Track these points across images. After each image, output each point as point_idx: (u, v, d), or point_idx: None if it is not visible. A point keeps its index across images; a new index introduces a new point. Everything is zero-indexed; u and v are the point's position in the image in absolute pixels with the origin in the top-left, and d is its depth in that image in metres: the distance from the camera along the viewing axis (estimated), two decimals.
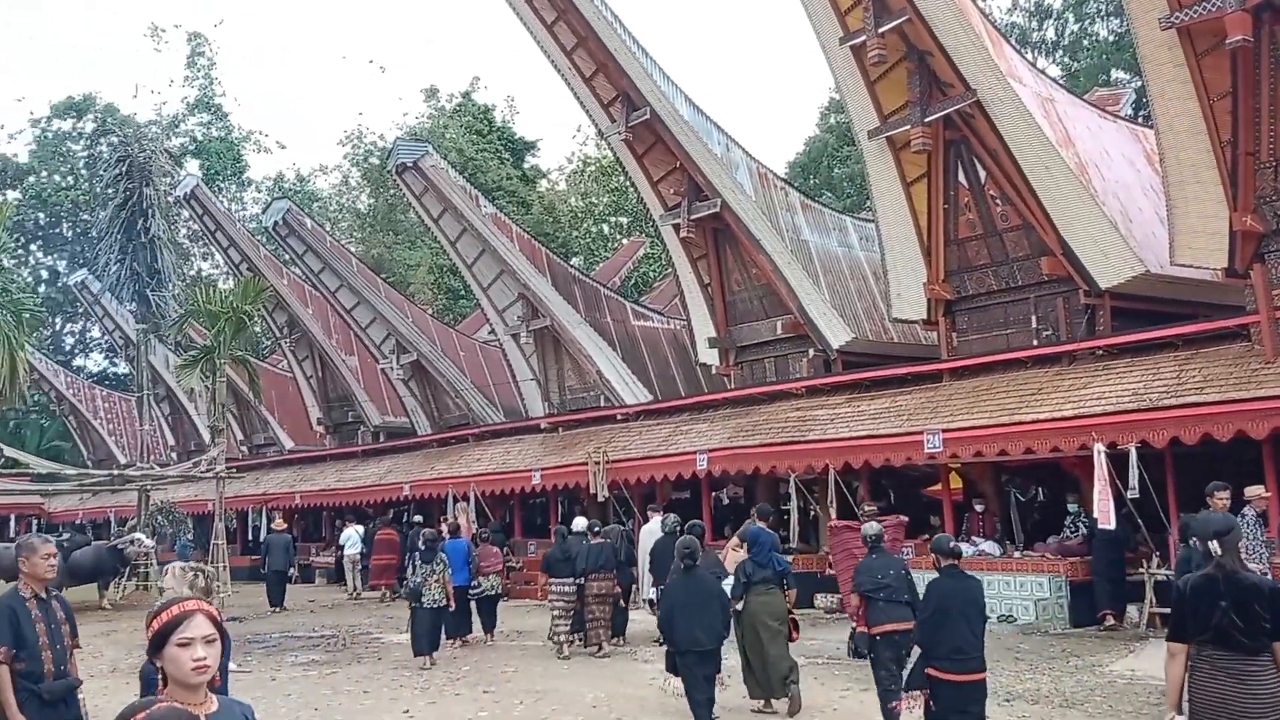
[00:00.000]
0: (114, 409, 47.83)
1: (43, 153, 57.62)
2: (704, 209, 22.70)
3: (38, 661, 6.19)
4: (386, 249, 49.71)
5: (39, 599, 6.39)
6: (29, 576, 6.42)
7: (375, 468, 30.75)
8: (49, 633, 6.29)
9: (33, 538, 6.62)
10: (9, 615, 6.23)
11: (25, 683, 6.15)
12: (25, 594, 6.37)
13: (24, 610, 6.28)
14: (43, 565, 6.40)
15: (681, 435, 21.86)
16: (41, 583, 6.43)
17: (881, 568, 9.81)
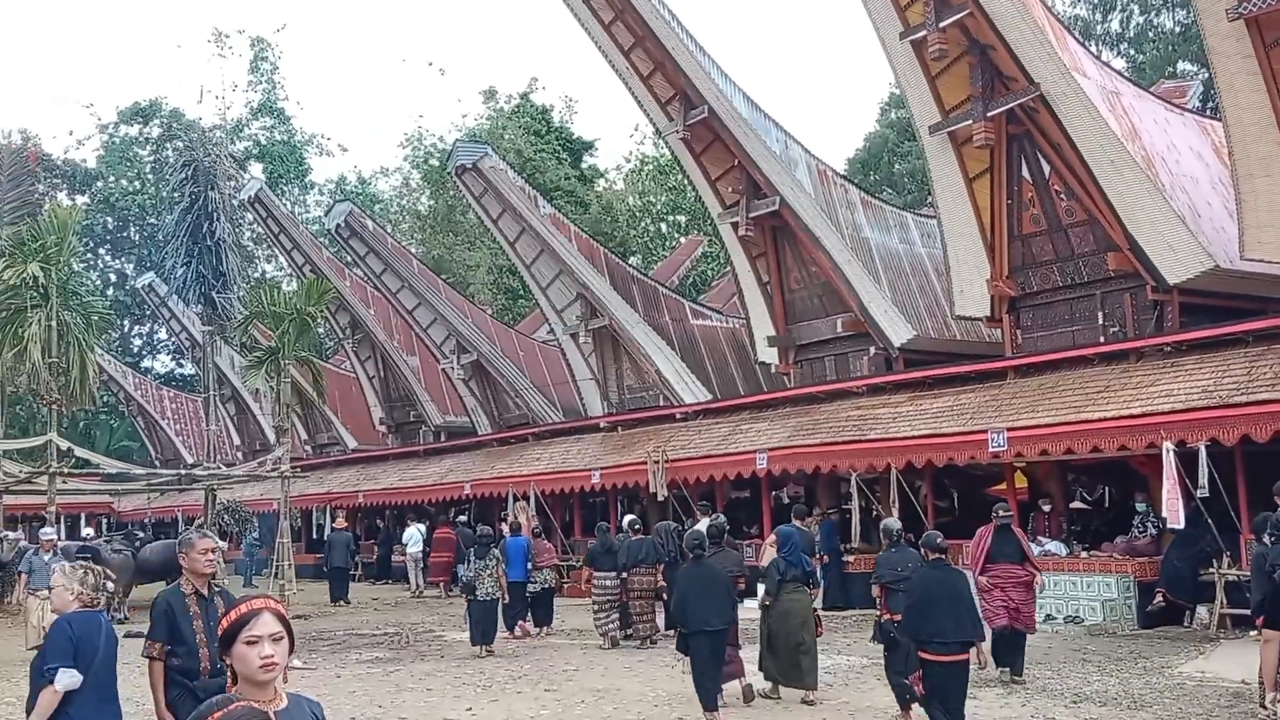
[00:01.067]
0: (181, 409, 48.68)
1: (110, 158, 58.75)
2: (763, 207, 22.62)
3: (194, 658, 6.05)
4: (446, 250, 50.08)
5: (199, 595, 6.27)
6: (189, 572, 6.33)
7: (436, 467, 31.00)
8: (207, 630, 6.08)
9: (191, 533, 6.55)
10: (164, 610, 6.15)
11: (182, 679, 6.00)
12: (186, 590, 6.28)
13: (182, 606, 6.18)
14: (201, 561, 6.29)
15: (741, 434, 21.79)
16: (202, 579, 6.31)
17: (900, 561, 10.56)
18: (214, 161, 28.73)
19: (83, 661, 5.74)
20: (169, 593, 6.28)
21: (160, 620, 6.12)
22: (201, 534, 6.51)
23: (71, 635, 5.79)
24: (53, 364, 23.03)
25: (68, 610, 5.95)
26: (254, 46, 61.49)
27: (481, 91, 60.84)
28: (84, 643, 5.79)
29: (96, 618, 5.97)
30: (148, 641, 6.14)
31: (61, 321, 23.25)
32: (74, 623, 5.87)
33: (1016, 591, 11.80)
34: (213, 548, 6.38)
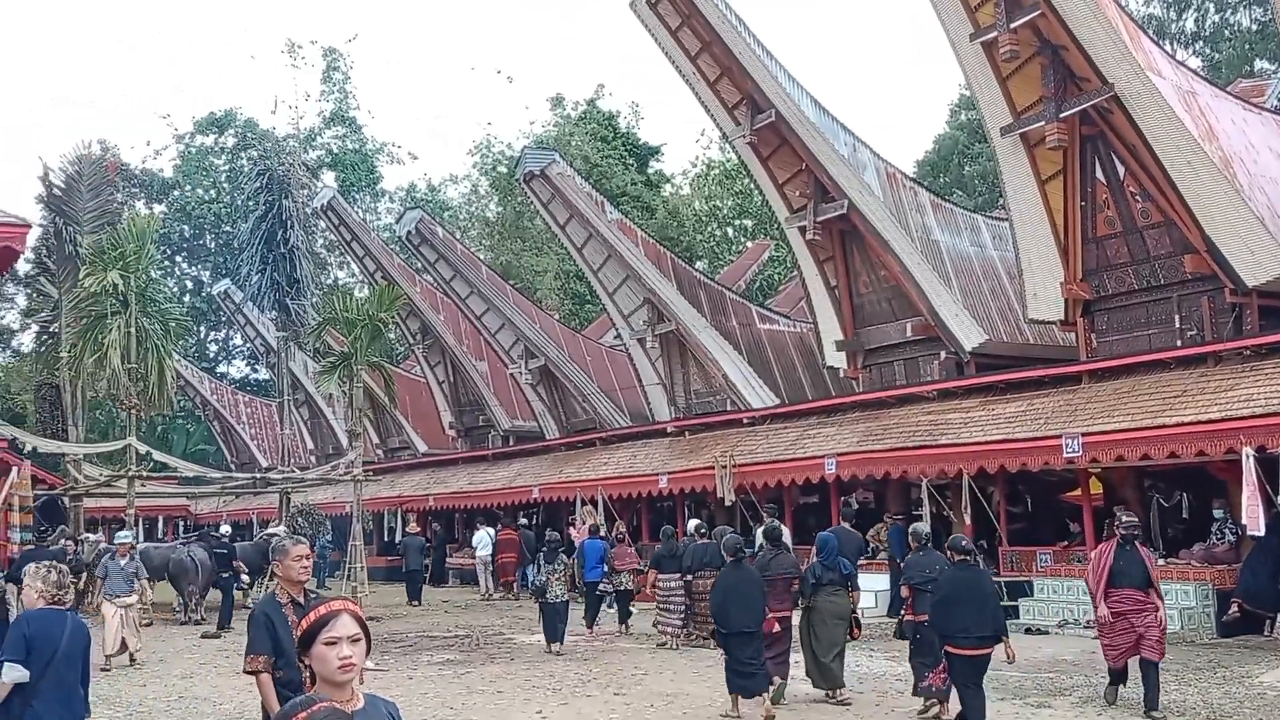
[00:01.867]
0: (256, 414, 49.57)
1: (187, 168, 60.03)
2: (831, 210, 22.52)
3: (295, 670, 5.67)
4: (514, 256, 50.47)
5: (295, 604, 5.96)
6: (284, 580, 6.08)
7: (505, 471, 31.24)
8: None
9: (285, 540, 6.19)
10: (264, 622, 5.85)
11: (284, 692, 5.70)
12: (282, 599, 6.00)
13: (280, 616, 5.88)
14: (295, 568, 6.02)
15: (809, 439, 21.70)
16: (298, 586, 6.05)
17: (928, 563, 10.71)
18: (288, 170, 29.27)
19: (39, 656, 6.18)
20: (265, 604, 6.03)
21: (261, 632, 5.84)
22: (295, 540, 6.22)
23: (26, 632, 6.26)
24: (132, 369, 23.58)
25: (34, 608, 6.41)
26: (326, 57, 62.54)
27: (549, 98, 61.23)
28: (40, 639, 6.23)
29: (60, 615, 6.43)
30: (249, 656, 5.86)
31: (140, 328, 23.79)
32: (32, 620, 6.36)
33: (1140, 617, 10.34)
34: (307, 554, 6.15)
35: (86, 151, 33.68)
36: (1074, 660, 13.75)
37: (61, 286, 29.83)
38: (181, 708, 11.80)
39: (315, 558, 29.84)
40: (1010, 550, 18.79)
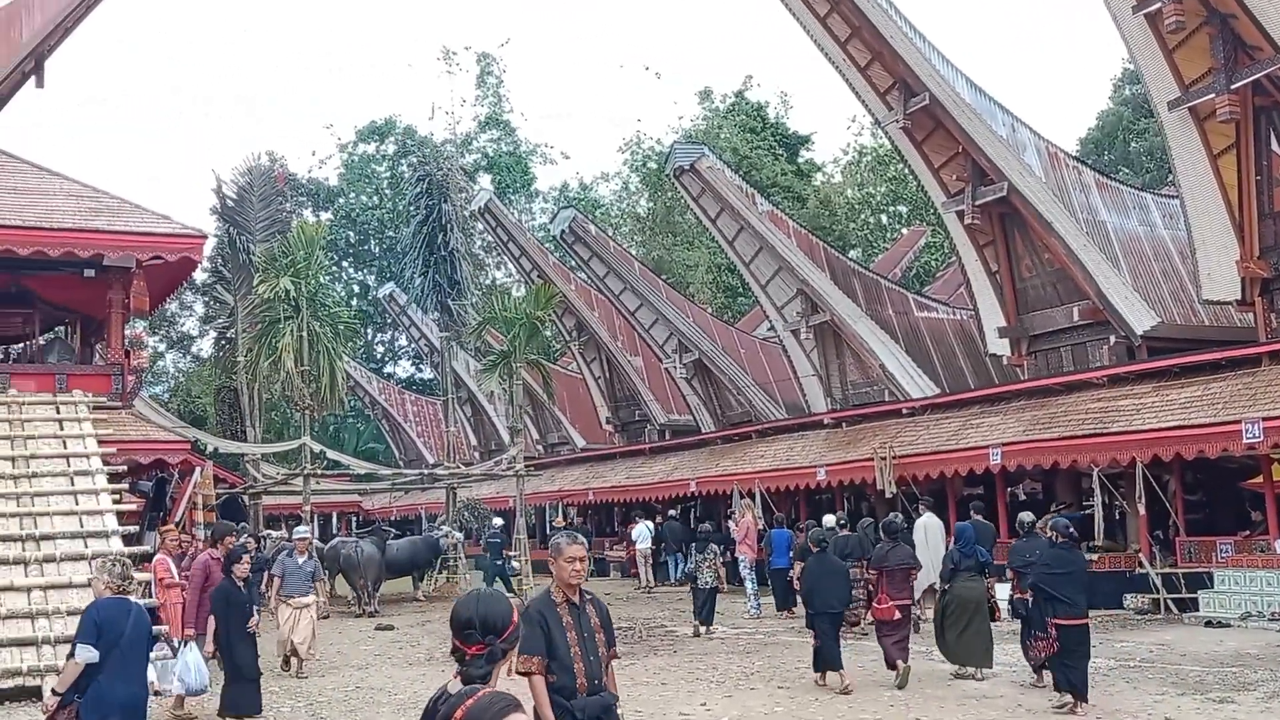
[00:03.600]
0: (421, 412, 51.06)
1: (350, 175, 62.15)
2: (990, 193, 21.96)
3: (569, 674, 5.55)
4: (666, 251, 50.71)
5: (570, 604, 5.75)
6: (557, 581, 5.82)
7: (662, 465, 31.44)
8: (581, 642, 5.66)
9: (560, 537, 5.93)
10: (539, 622, 5.62)
11: (558, 698, 5.53)
12: (556, 598, 5.76)
13: (555, 616, 5.67)
14: (567, 569, 5.72)
15: (972, 429, 21.19)
16: (572, 587, 5.78)
17: (1029, 549, 11.72)
18: (446, 175, 30.00)
19: (107, 641, 6.83)
20: (540, 602, 5.78)
21: (535, 632, 5.57)
22: (571, 538, 5.90)
23: (97, 619, 6.92)
24: (304, 371, 24.52)
25: (102, 597, 7.08)
26: (480, 62, 63.86)
27: (697, 92, 61.38)
28: (108, 625, 6.89)
29: (125, 603, 7.08)
30: (522, 656, 5.50)
31: (311, 331, 24.72)
32: (101, 608, 7.02)
33: None
34: (582, 555, 5.83)
35: (256, 163, 35.29)
36: (1259, 654, 13.14)
37: (237, 293, 31.32)
38: (358, 698, 12.24)
39: (482, 552, 30.73)
40: (1188, 541, 18.03)
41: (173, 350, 59.62)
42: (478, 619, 3.60)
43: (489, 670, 3.55)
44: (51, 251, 18.32)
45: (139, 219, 19.54)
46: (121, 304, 19.37)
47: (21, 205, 19.08)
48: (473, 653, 3.56)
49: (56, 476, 15.92)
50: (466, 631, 3.59)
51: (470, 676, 3.50)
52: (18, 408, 17.43)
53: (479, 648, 3.56)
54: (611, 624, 5.90)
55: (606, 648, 5.75)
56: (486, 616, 3.63)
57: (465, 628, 3.60)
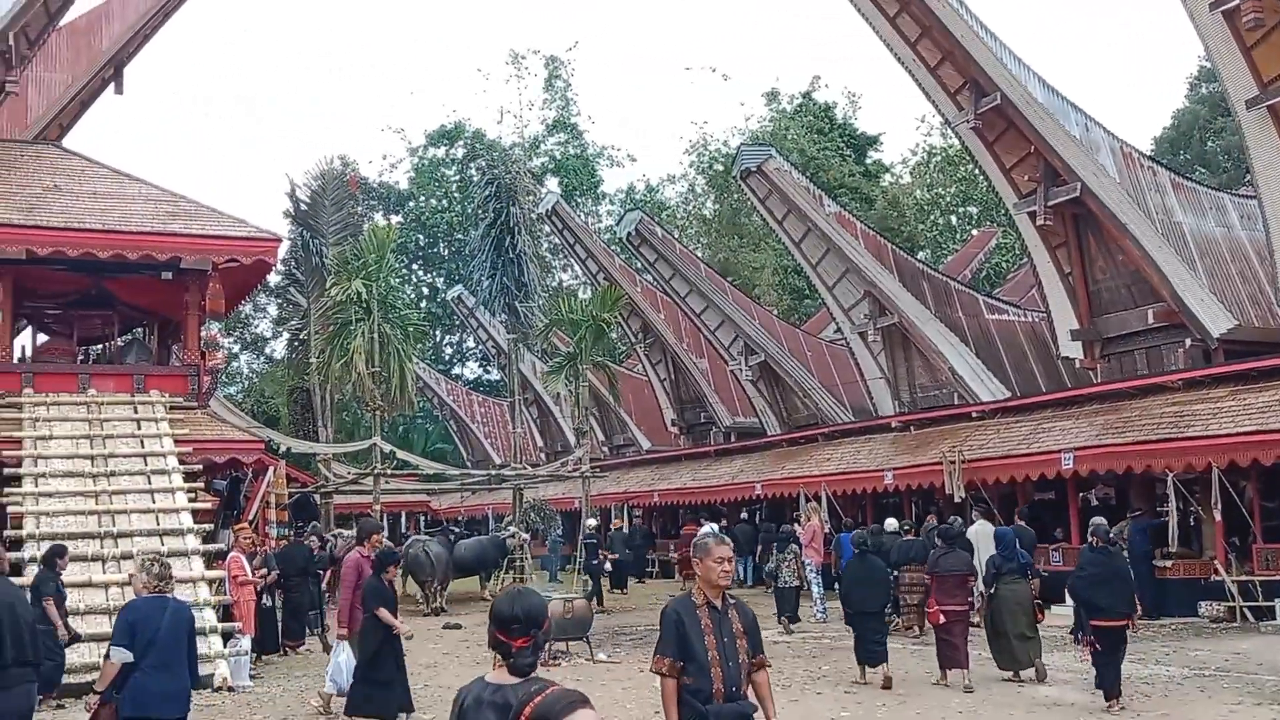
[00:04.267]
0: (489, 413, 51.47)
1: (420, 179, 62.83)
2: (1062, 194, 21.64)
3: (706, 678, 5.34)
4: (732, 252, 50.61)
5: (712, 607, 5.52)
6: (702, 581, 5.57)
7: (727, 467, 31.37)
8: (720, 646, 5.42)
9: (707, 538, 5.74)
10: (674, 623, 5.46)
11: (693, 702, 5.35)
12: (697, 600, 5.55)
13: (693, 619, 5.46)
14: (715, 570, 5.50)
15: (1044, 433, 20.87)
16: (716, 589, 5.54)
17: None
18: (514, 178, 30.20)
19: (143, 638, 7.07)
20: (679, 603, 5.60)
21: (670, 633, 5.45)
22: (719, 539, 5.71)
23: (130, 619, 7.18)
24: (375, 373, 24.82)
25: (139, 596, 7.36)
26: (548, 66, 64.21)
27: (764, 93, 61.01)
28: (142, 623, 7.14)
29: (161, 600, 7.32)
30: (656, 656, 5.49)
31: (382, 333, 25.01)
32: (135, 608, 7.32)
33: None
34: (730, 556, 5.62)
35: (329, 167, 35.85)
36: None
37: (309, 296, 31.83)
38: (427, 697, 12.35)
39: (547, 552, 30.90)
40: (1265, 548, 17.58)
41: (247, 351, 60.74)
42: (521, 614, 3.83)
43: (535, 660, 3.82)
44: (130, 254, 18.76)
45: (215, 223, 19.94)
46: (198, 306, 19.79)
47: (101, 209, 19.58)
48: (519, 645, 3.79)
49: (134, 475, 16.32)
50: (512, 626, 3.81)
51: (519, 667, 3.76)
52: (97, 408, 17.90)
53: (525, 640, 3.80)
54: (758, 631, 5.65)
55: (750, 655, 5.52)
56: (529, 611, 3.86)
57: (510, 623, 3.82)
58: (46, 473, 15.95)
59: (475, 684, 3.85)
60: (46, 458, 16.28)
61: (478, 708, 3.67)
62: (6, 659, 6.77)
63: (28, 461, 16.06)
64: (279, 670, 15.01)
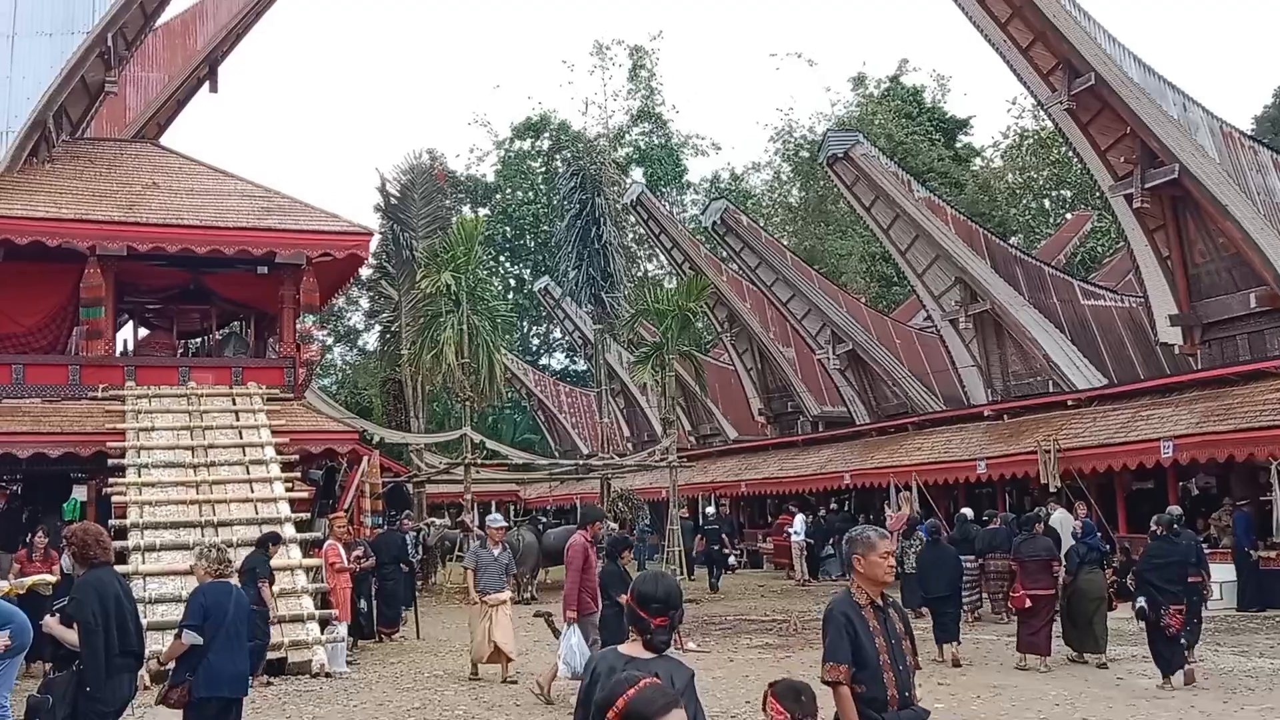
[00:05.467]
0: (575, 403, 51.74)
1: (507, 171, 63.32)
2: (1160, 176, 21.10)
3: (879, 685, 4.98)
4: (818, 240, 50.20)
5: (875, 607, 5.16)
6: (865, 579, 5.19)
7: (815, 457, 31.13)
8: (890, 649, 5.07)
9: (869, 531, 5.34)
10: (844, 626, 5.04)
11: (869, 711, 5.02)
12: (860, 600, 5.16)
13: (860, 620, 5.08)
14: (881, 566, 5.14)
15: (1142, 421, 20.37)
16: (878, 587, 5.19)
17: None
18: (599, 169, 30.34)
19: (214, 622, 7.41)
20: (844, 604, 5.16)
21: (841, 636, 5.04)
22: (880, 533, 5.32)
23: (204, 603, 7.53)
24: (464, 364, 25.14)
25: (204, 582, 7.75)
26: (633, 56, 64.21)
27: (850, 78, 60.23)
28: (214, 608, 7.47)
29: (226, 586, 7.69)
30: (829, 664, 5.06)
31: (471, 325, 25.32)
32: (206, 592, 7.65)
33: None
34: (893, 550, 5.29)
35: (418, 161, 36.27)
36: None
37: (400, 288, 32.27)
38: (521, 687, 12.47)
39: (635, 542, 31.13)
40: None
41: (340, 344, 61.85)
42: (663, 594, 4.13)
43: (669, 639, 4.14)
44: (227, 250, 19.22)
45: (309, 217, 20.33)
46: (293, 299, 20.17)
47: (199, 206, 20.08)
48: (657, 623, 4.08)
49: (233, 465, 16.74)
50: (654, 605, 4.10)
51: (656, 644, 4.08)
52: (197, 400, 18.38)
53: (663, 619, 4.09)
54: (913, 630, 5.36)
55: (913, 655, 5.22)
56: (669, 592, 4.16)
57: (652, 601, 4.11)
58: (149, 463, 16.42)
59: (609, 653, 4.15)
60: (149, 449, 16.75)
61: (609, 675, 3.77)
62: (113, 648, 6.97)
63: (131, 453, 16.54)
64: (375, 657, 15.29)
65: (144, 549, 14.51)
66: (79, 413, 17.88)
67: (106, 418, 17.58)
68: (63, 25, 19.23)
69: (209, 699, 7.38)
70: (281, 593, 14.07)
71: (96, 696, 6.88)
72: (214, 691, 7.38)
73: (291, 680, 12.90)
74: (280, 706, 11.46)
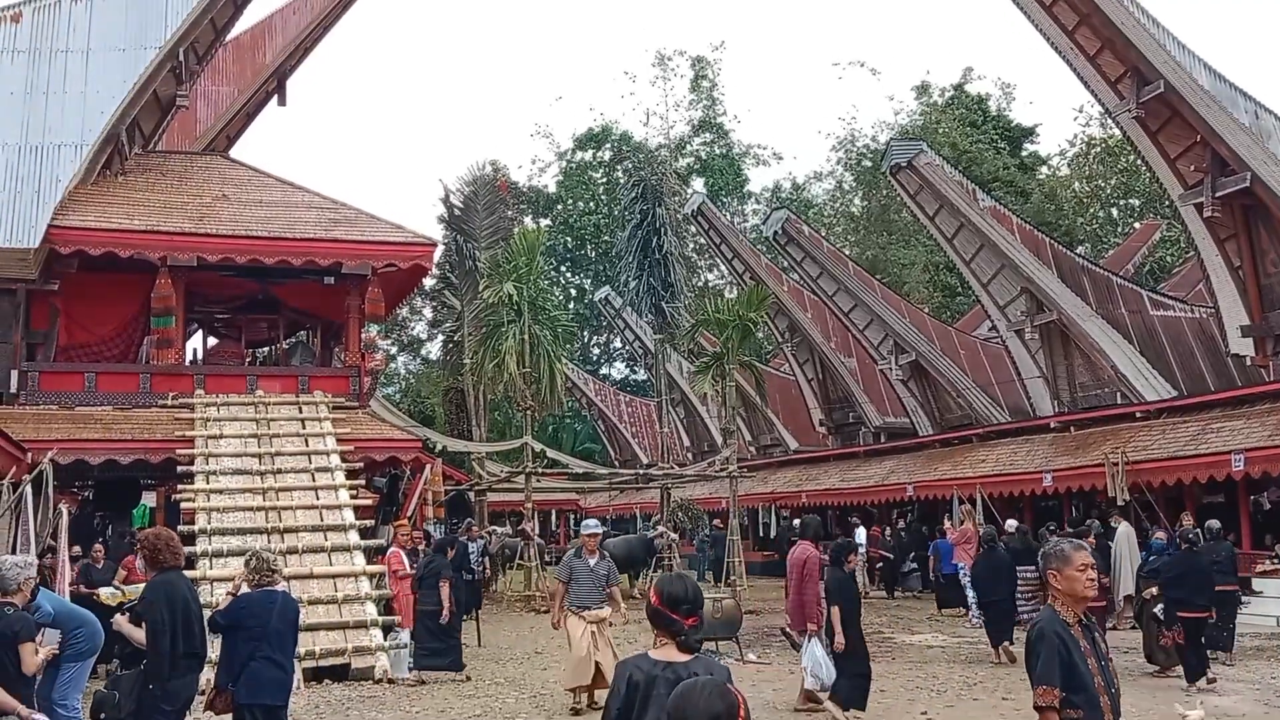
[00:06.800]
0: (635, 413, 51.80)
1: (568, 182, 63.65)
2: (1231, 185, 20.70)
3: (1096, 711, 4.66)
4: (880, 249, 49.85)
5: (1084, 626, 4.83)
6: (1065, 595, 4.84)
7: (877, 468, 30.89)
8: (1101, 671, 4.75)
9: (1064, 544, 4.97)
10: (1057, 647, 4.68)
11: None
12: (1068, 618, 4.80)
13: (1073, 640, 4.73)
14: (1080, 580, 4.80)
15: (1212, 433, 19.98)
16: (1082, 603, 4.85)
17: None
18: (660, 179, 30.37)
19: (252, 629, 7.45)
20: (1053, 622, 4.79)
21: (1054, 657, 4.67)
22: (1075, 544, 4.96)
23: (243, 605, 7.62)
24: (526, 373, 25.27)
25: (246, 592, 7.77)
26: (694, 66, 64.28)
27: (914, 87, 59.80)
28: (251, 616, 7.51)
29: (269, 594, 7.64)
30: (1042, 687, 4.71)
31: (533, 334, 25.44)
32: (246, 599, 7.69)
33: None
34: (1091, 561, 4.91)
35: (481, 172, 36.60)
36: None
37: (463, 298, 32.56)
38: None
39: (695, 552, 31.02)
40: None
41: (404, 353, 62.51)
42: (691, 594, 4.16)
43: (701, 638, 4.24)
44: (294, 260, 19.54)
45: (374, 228, 20.59)
46: (358, 309, 20.44)
47: (267, 217, 20.43)
48: (689, 624, 4.08)
49: (299, 473, 16.97)
50: (684, 607, 4.12)
51: (689, 644, 4.08)
52: (264, 408, 18.67)
53: (694, 619, 4.10)
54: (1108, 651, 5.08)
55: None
56: (696, 592, 4.19)
57: (682, 603, 4.13)
58: (217, 470, 16.71)
59: (641, 660, 4.09)
60: (217, 456, 17.05)
61: (651, 684, 3.80)
62: (178, 649, 7.17)
63: (199, 460, 16.85)
64: None
65: (211, 554, 14.77)
66: (149, 420, 18.25)
67: (176, 425, 17.93)
68: (135, 41, 19.67)
69: (252, 705, 7.45)
70: (345, 599, 14.27)
71: (159, 694, 7.11)
72: (255, 699, 7.43)
73: (354, 686, 13.05)
74: (344, 712, 11.59)
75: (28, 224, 18.33)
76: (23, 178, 18.70)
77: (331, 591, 14.38)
